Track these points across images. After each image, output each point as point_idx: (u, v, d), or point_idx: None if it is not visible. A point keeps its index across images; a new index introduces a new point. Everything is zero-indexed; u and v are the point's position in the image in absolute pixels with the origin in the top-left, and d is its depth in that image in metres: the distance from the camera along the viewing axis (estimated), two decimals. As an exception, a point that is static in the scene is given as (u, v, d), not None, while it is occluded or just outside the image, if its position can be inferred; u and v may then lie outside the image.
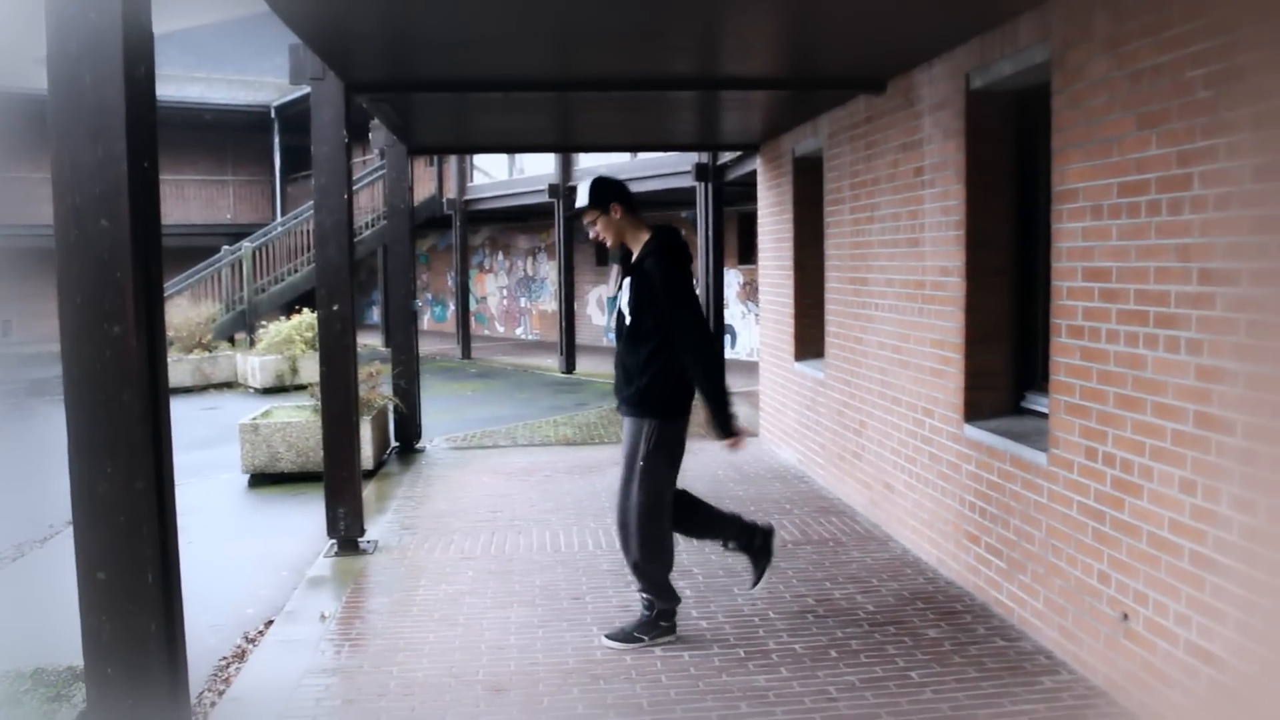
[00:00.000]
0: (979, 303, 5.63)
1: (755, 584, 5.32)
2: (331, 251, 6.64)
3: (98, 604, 3.10)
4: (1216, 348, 3.62)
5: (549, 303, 24.63)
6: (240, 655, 5.41)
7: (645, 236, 4.92)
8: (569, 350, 18.41)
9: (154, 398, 3.13)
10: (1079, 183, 4.46)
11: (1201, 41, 3.65)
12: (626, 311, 4.89)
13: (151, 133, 3.19)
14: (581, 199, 4.94)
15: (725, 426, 4.83)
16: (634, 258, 4.93)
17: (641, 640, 4.91)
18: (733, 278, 18.89)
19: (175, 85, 27.39)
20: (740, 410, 12.53)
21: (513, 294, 26.63)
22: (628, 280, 4.91)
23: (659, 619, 4.94)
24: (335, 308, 6.64)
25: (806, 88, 7.25)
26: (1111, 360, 4.25)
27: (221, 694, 4.76)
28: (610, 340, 22.67)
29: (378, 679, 4.63)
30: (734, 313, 19.00)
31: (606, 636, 4.98)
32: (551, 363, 19.32)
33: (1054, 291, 4.70)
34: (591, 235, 5.01)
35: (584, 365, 18.82)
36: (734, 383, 14.60)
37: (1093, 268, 4.37)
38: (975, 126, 5.57)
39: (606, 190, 4.92)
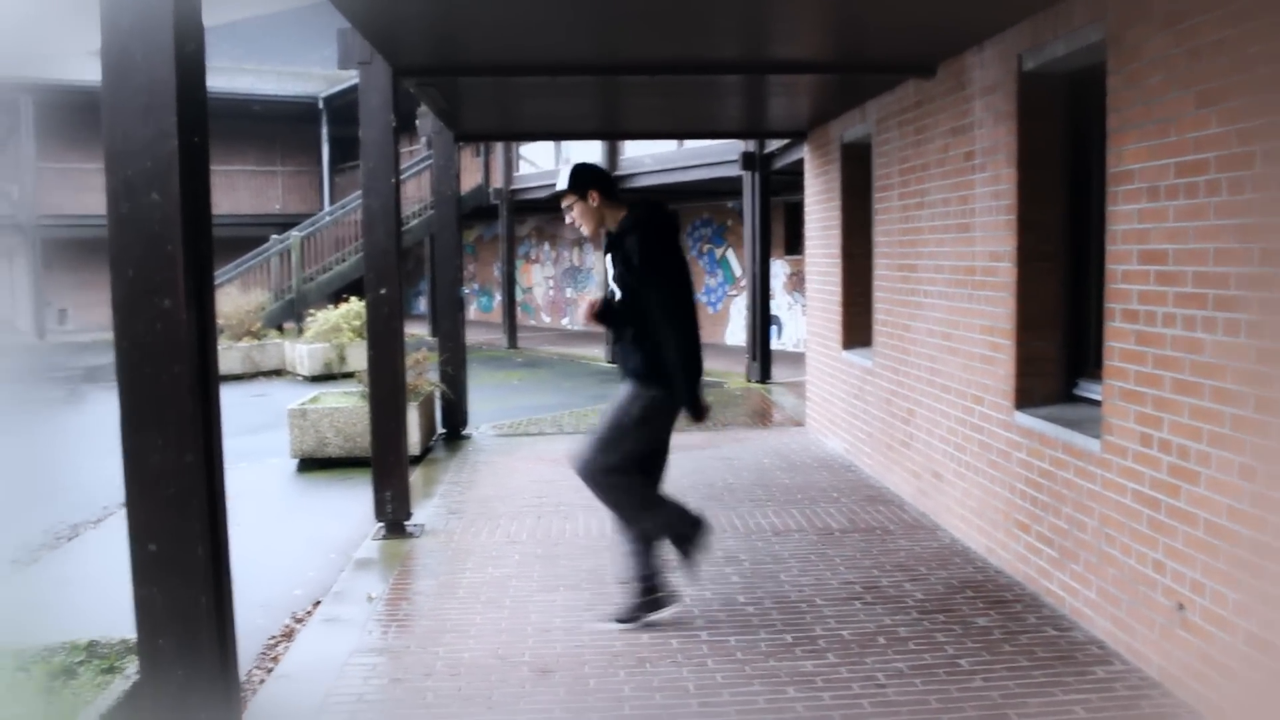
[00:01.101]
0: (1030, 288, 5.54)
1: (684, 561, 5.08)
2: (379, 235, 6.67)
3: (149, 575, 3.13)
4: (1279, 330, 3.53)
5: (595, 293, 24.63)
6: (288, 634, 5.45)
7: (623, 215, 4.91)
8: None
9: (203, 371, 3.15)
10: (1135, 164, 4.37)
11: (1263, 16, 3.55)
12: (616, 288, 4.86)
13: (201, 108, 3.21)
14: (561, 183, 4.90)
15: (693, 407, 4.75)
16: (614, 235, 4.91)
17: (639, 617, 4.91)
18: (779, 268, 18.79)
19: (225, 77, 27.67)
20: (787, 400, 12.51)
21: (559, 284, 26.68)
22: (609, 257, 4.87)
23: (646, 591, 4.90)
24: (383, 291, 6.67)
25: (855, 72, 7.18)
26: (1168, 345, 4.17)
27: (270, 671, 4.79)
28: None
29: (424, 659, 4.65)
30: (780, 304, 18.91)
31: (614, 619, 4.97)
32: (597, 352, 19.33)
33: (1108, 275, 4.61)
34: (568, 220, 4.98)
35: (629, 355, 18.79)
36: (783, 373, 14.55)
37: (1149, 250, 4.29)
38: (1027, 109, 5.48)
39: (585, 176, 4.88)
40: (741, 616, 5.07)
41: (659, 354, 4.71)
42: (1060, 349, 5.63)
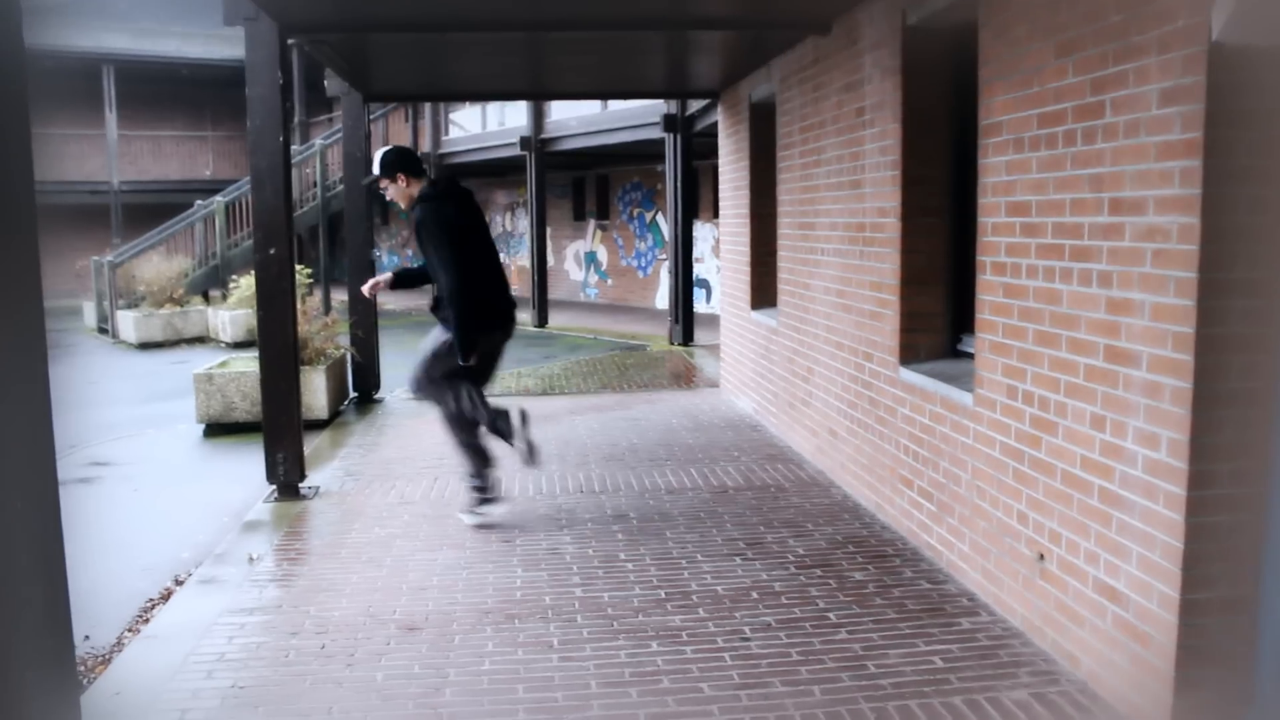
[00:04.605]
0: (914, 244, 5.55)
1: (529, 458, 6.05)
2: (268, 194, 6.52)
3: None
4: (1125, 279, 3.55)
5: (527, 258, 24.45)
6: (166, 597, 5.36)
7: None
8: (541, 305, 18.32)
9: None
10: (1003, 115, 4.37)
11: (1114, -36, 3.55)
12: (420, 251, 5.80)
13: (17, 58, 3.09)
14: (375, 168, 5.78)
15: (464, 352, 5.62)
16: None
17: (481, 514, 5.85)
18: (707, 232, 18.76)
19: (150, 39, 26.93)
20: (707, 362, 12.51)
21: (491, 250, 26.40)
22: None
23: (477, 490, 5.89)
24: (272, 251, 6.53)
25: (758, 28, 7.14)
26: (1031, 296, 4.19)
27: (139, 634, 4.71)
28: (587, 295, 22.70)
29: (294, 618, 4.59)
30: (709, 267, 18.89)
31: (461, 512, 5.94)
32: (524, 317, 19.19)
33: (980, 228, 4.63)
34: (387, 198, 5.86)
35: (557, 320, 18.74)
36: (708, 337, 14.53)
37: (1015, 202, 4.30)
38: (911, 64, 5.46)
39: (393, 160, 5.74)
40: (620, 572, 5.05)
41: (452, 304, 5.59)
42: (945, 305, 5.64)
